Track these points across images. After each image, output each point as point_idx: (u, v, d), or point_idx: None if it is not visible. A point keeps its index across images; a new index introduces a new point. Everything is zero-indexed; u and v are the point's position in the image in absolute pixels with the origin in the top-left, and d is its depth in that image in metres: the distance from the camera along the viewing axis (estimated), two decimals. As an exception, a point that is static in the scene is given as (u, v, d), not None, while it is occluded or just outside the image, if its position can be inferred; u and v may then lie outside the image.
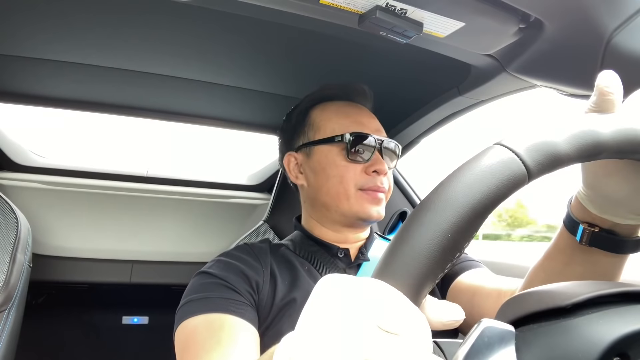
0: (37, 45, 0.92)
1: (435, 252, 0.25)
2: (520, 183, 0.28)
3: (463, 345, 0.24)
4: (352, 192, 0.77)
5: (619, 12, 0.56)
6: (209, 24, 0.82)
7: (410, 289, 0.24)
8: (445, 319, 0.28)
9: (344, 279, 0.24)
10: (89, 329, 1.53)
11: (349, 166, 0.77)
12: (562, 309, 0.26)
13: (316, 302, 0.24)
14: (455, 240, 0.26)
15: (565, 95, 0.70)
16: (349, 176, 0.77)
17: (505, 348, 0.24)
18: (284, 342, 0.24)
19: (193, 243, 1.51)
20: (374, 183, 0.77)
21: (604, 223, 0.43)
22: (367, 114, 0.84)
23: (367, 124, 0.81)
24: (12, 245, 0.97)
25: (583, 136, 0.30)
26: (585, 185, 0.42)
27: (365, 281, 0.24)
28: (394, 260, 0.25)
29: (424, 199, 0.27)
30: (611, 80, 0.35)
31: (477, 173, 0.27)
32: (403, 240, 0.26)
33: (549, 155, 0.28)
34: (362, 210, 0.76)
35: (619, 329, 0.24)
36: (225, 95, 1.15)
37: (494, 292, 0.65)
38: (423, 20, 0.61)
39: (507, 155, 0.28)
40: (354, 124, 0.80)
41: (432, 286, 0.26)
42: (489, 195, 0.27)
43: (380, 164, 0.77)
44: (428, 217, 0.26)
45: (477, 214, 0.26)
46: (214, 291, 0.64)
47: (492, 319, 0.25)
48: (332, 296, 0.23)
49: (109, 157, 1.55)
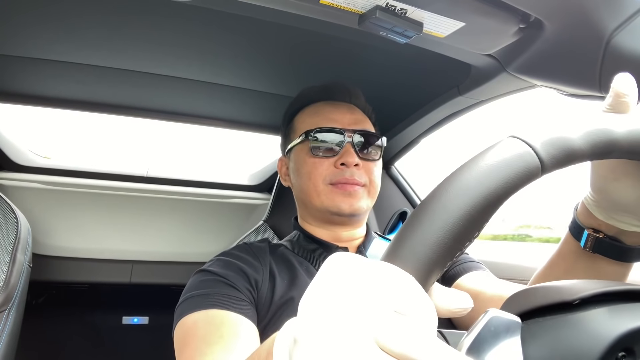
0: (37, 45, 0.92)
1: (446, 239, 0.25)
2: (534, 176, 0.28)
3: (469, 334, 0.24)
4: (321, 187, 0.78)
5: (619, 12, 0.56)
6: (209, 24, 0.82)
7: (419, 273, 0.24)
8: (453, 306, 0.27)
9: (353, 258, 0.24)
10: (89, 329, 1.53)
11: (316, 162, 0.79)
12: (569, 304, 0.27)
13: (325, 279, 0.23)
14: (466, 228, 0.25)
15: (566, 95, 0.70)
16: (316, 172, 0.78)
17: (511, 338, 0.25)
18: (287, 325, 0.23)
19: (193, 243, 1.51)
20: (342, 176, 0.77)
21: (609, 229, 0.43)
22: (343, 110, 0.83)
23: (339, 118, 0.81)
24: (12, 245, 0.97)
25: (597, 133, 0.30)
26: (593, 189, 0.42)
27: (376, 262, 0.24)
28: (404, 244, 0.25)
29: (437, 186, 0.27)
30: (627, 83, 0.36)
31: (491, 163, 0.27)
32: (414, 225, 0.26)
33: (563, 150, 0.29)
34: (333, 204, 0.77)
35: (625, 324, 0.24)
36: (226, 96, 1.15)
37: (496, 297, 0.65)
38: (423, 20, 0.61)
39: (522, 147, 0.28)
40: (323, 120, 0.81)
41: (440, 273, 0.26)
42: (503, 185, 0.26)
43: (348, 156, 0.77)
44: (440, 203, 0.26)
45: (489, 203, 0.26)
46: (213, 288, 0.64)
47: (499, 310, 0.25)
48: (342, 274, 0.23)
49: (109, 157, 1.55)
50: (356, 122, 0.82)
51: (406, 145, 1.25)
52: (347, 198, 0.77)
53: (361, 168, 0.78)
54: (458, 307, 0.28)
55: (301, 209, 0.87)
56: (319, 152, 0.79)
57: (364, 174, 0.78)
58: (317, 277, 0.24)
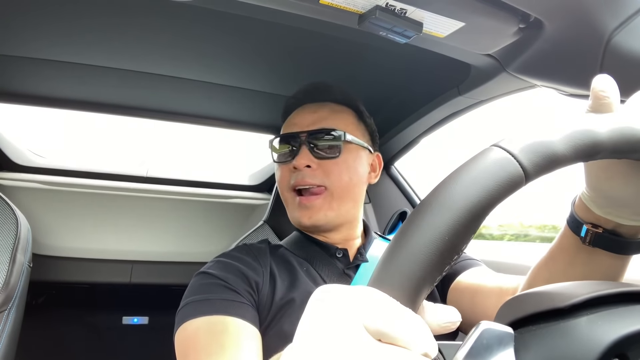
0: (37, 45, 0.92)
1: (433, 255, 0.25)
2: (518, 184, 0.28)
3: (462, 348, 0.24)
4: (287, 195, 0.78)
5: (619, 12, 0.56)
6: (209, 24, 0.82)
7: (408, 293, 0.24)
8: (442, 321, 0.28)
9: (337, 289, 0.24)
10: (89, 329, 1.53)
11: (279, 168, 0.80)
12: (561, 310, 0.26)
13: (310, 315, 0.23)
14: (452, 242, 0.25)
15: (565, 95, 0.70)
16: (280, 179, 0.79)
17: (504, 350, 0.24)
18: (286, 354, 0.23)
19: (193, 243, 1.51)
20: (295, 179, 0.76)
21: (607, 224, 0.44)
22: (306, 112, 0.81)
23: (299, 122, 0.80)
24: (12, 246, 0.97)
25: (579, 136, 0.30)
26: (588, 186, 0.43)
27: (360, 290, 0.24)
28: (391, 265, 0.25)
29: (421, 202, 0.27)
30: (606, 84, 0.36)
31: (473, 175, 0.27)
32: (400, 244, 0.26)
33: (546, 156, 0.28)
34: (294, 218, 0.78)
35: (618, 329, 0.24)
36: (225, 95, 1.15)
37: (495, 290, 0.65)
38: (423, 20, 0.61)
39: (503, 156, 0.28)
40: (286, 126, 0.82)
41: (430, 289, 0.26)
42: (486, 197, 0.26)
43: (299, 158, 0.75)
44: (425, 220, 0.26)
45: (474, 216, 0.26)
46: (214, 292, 0.64)
47: (491, 321, 0.25)
48: (326, 308, 0.23)
49: (109, 157, 1.55)
50: (318, 120, 0.78)
51: (406, 145, 1.25)
52: (305, 211, 0.75)
53: (316, 169, 0.75)
54: (447, 322, 0.28)
55: None
56: (279, 158, 0.80)
57: (320, 175, 0.75)
58: (305, 313, 0.24)
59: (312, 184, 0.75)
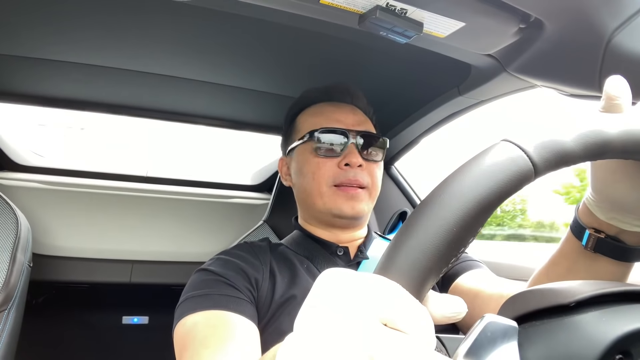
0: (37, 45, 0.92)
1: (440, 247, 0.25)
2: (527, 179, 0.28)
3: (466, 340, 0.24)
4: (325, 189, 0.77)
5: (619, 12, 0.56)
6: (209, 24, 0.82)
7: (414, 283, 0.24)
8: (448, 312, 0.27)
9: (345, 273, 0.24)
10: (89, 329, 1.53)
11: (320, 162, 0.78)
12: (565, 307, 0.27)
13: (317, 297, 0.23)
14: (460, 235, 0.25)
15: (566, 95, 0.70)
16: (320, 172, 0.78)
17: (508, 343, 0.24)
18: (287, 342, 0.24)
19: (193, 243, 1.50)
20: (345, 177, 0.77)
21: (610, 229, 0.44)
22: (345, 110, 0.83)
23: (343, 119, 0.81)
24: (12, 245, 0.97)
25: (590, 135, 0.30)
26: (594, 190, 0.43)
27: (368, 276, 0.24)
28: (398, 254, 0.25)
29: (430, 193, 0.27)
30: (619, 85, 0.36)
31: (484, 168, 0.27)
32: (408, 234, 0.26)
33: (556, 153, 0.29)
34: (335, 207, 0.77)
35: (622, 326, 0.24)
36: (226, 95, 1.15)
37: (495, 295, 0.65)
38: (423, 20, 0.61)
39: (514, 151, 0.28)
40: (327, 120, 0.81)
41: (435, 280, 0.26)
42: (496, 190, 0.26)
43: (353, 157, 0.77)
44: (434, 210, 0.26)
45: (483, 208, 0.26)
46: (213, 288, 0.64)
47: (495, 315, 0.25)
48: (334, 292, 0.23)
49: (109, 157, 1.55)
50: (359, 123, 0.82)
51: (406, 145, 1.25)
52: (350, 201, 0.77)
53: (364, 169, 0.78)
54: (452, 312, 0.28)
55: (302, 209, 0.86)
56: (323, 152, 0.79)
57: (366, 175, 0.78)
58: (310, 296, 0.24)
59: (362, 185, 0.78)
